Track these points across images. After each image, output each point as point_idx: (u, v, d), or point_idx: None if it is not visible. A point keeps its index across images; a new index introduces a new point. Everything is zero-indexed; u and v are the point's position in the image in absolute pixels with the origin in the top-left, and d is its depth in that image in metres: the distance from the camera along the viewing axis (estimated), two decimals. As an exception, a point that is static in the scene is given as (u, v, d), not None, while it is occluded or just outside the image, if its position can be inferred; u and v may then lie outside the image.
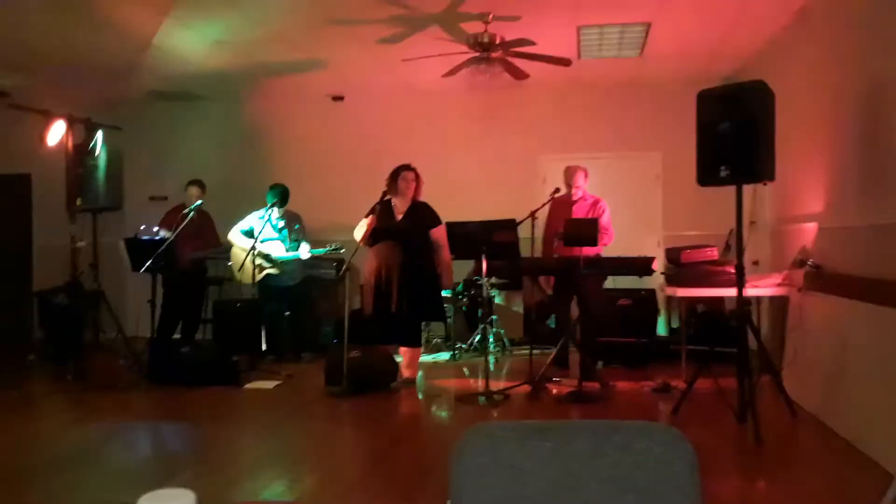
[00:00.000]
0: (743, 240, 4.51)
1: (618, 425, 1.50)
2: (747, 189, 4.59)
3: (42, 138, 5.97)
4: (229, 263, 7.00)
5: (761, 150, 4.26)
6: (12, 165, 8.78)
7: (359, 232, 5.80)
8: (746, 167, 4.29)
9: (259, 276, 6.60)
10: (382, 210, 5.81)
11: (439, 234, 5.74)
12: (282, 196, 6.77)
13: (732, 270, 4.65)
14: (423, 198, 5.95)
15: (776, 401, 4.74)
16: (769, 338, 5.90)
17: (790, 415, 4.57)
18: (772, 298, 5.78)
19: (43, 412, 5.43)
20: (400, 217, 5.82)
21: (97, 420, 5.03)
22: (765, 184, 4.57)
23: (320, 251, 6.42)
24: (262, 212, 6.77)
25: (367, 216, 5.78)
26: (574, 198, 6.20)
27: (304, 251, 6.52)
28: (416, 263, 5.73)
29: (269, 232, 6.74)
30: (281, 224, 6.82)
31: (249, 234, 6.71)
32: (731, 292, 4.71)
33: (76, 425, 4.95)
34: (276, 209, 6.75)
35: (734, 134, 4.29)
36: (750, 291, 5.09)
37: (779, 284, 5.42)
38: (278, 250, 6.69)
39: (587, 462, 1.40)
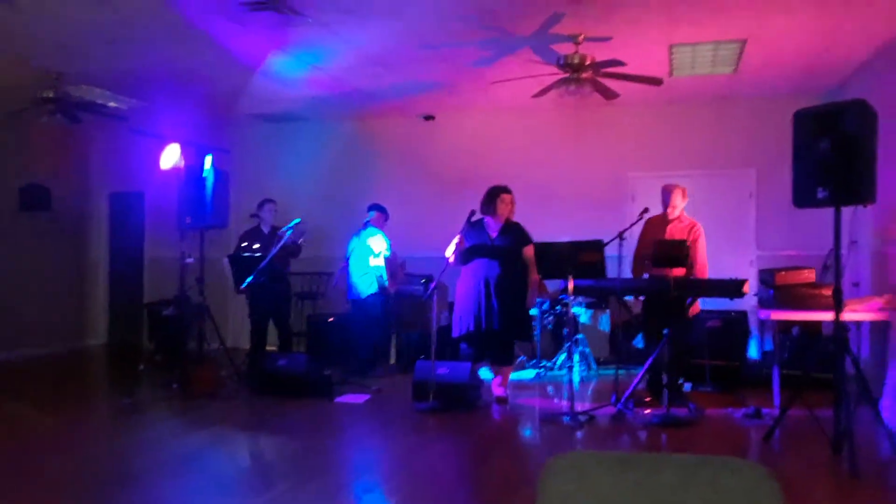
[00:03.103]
0: (841, 263, 4.38)
1: (704, 460, 1.53)
2: (847, 207, 4.45)
3: (157, 161, 6.42)
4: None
5: (862, 171, 4.13)
6: (128, 184, 9.45)
7: (451, 251, 5.91)
8: (846, 189, 4.17)
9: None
10: (475, 229, 5.94)
11: (532, 252, 5.81)
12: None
13: (830, 293, 4.52)
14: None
15: (875, 431, 4.56)
16: (869, 364, 5.68)
17: (889, 447, 4.39)
18: (873, 323, 5.56)
19: (151, 419, 5.80)
20: (495, 235, 5.93)
21: (200, 428, 5.35)
22: (865, 206, 4.43)
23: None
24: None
25: (460, 234, 5.88)
26: (670, 217, 5.99)
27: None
28: (512, 281, 5.82)
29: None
30: None
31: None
32: (829, 316, 4.56)
33: (181, 432, 5.28)
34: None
35: (833, 154, 4.19)
36: (848, 316, 4.92)
37: (880, 309, 5.22)
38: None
39: (673, 497, 1.44)
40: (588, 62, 5.92)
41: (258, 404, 6.06)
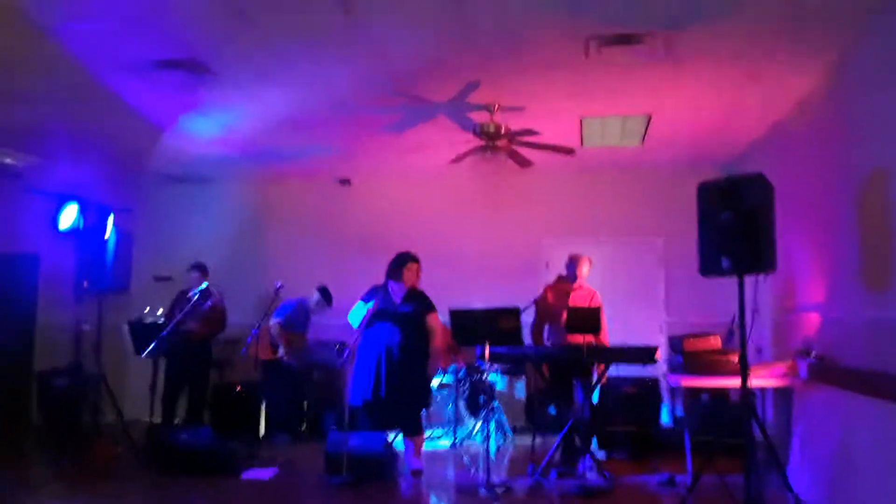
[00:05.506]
0: (746, 330, 4.50)
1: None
2: (750, 276, 4.61)
3: (54, 221, 6.08)
4: None
5: (762, 242, 4.31)
6: (21, 245, 8.88)
7: (355, 315, 5.85)
8: (748, 259, 4.33)
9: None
10: (378, 293, 5.88)
11: (435, 320, 5.84)
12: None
13: (736, 360, 4.63)
14: (427, 281, 6.02)
15: (784, 497, 4.63)
16: (774, 429, 5.82)
17: (798, 511, 4.46)
18: (776, 389, 5.73)
19: (37, 500, 5.31)
20: (398, 301, 5.86)
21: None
22: (766, 275, 4.60)
23: None
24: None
25: (364, 300, 5.86)
26: (575, 286, 6.17)
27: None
28: (413, 348, 5.75)
29: None
30: None
31: None
32: (735, 382, 4.67)
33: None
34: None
35: (735, 226, 4.36)
36: (754, 382, 5.04)
37: (783, 375, 5.38)
38: None
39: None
40: (503, 131, 6.05)
41: (156, 482, 5.64)
